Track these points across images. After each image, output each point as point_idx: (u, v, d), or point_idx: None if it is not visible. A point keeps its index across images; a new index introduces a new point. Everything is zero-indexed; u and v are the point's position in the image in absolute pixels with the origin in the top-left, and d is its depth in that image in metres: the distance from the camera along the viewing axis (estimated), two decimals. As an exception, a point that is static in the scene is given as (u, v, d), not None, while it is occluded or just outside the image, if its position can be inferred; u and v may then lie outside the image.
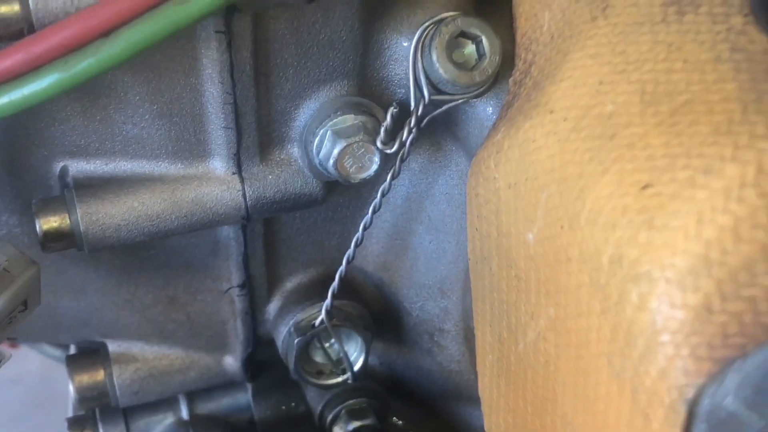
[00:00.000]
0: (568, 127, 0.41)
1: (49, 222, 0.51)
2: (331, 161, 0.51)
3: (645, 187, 0.36)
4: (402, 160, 0.53)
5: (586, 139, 0.40)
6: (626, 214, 0.36)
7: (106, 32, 0.42)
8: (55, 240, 0.52)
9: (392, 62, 0.53)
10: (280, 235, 0.59)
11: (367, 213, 0.55)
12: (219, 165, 0.53)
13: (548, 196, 0.41)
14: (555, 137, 0.42)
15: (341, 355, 0.60)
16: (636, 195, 0.36)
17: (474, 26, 0.50)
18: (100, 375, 0.64)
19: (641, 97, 0.39)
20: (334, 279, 0.57)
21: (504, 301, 0.48)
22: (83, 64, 0.42)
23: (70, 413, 0.69)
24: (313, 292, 0.61)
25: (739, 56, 0.38)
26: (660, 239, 0.35)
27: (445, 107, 0.52)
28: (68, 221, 0.51)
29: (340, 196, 0.59)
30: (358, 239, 0.56)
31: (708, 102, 0.37)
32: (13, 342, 0.74)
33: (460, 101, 0.52)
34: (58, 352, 0.77)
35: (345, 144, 0.51)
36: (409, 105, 0.52)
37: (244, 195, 0.53)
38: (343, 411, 0.64)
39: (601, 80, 0.41)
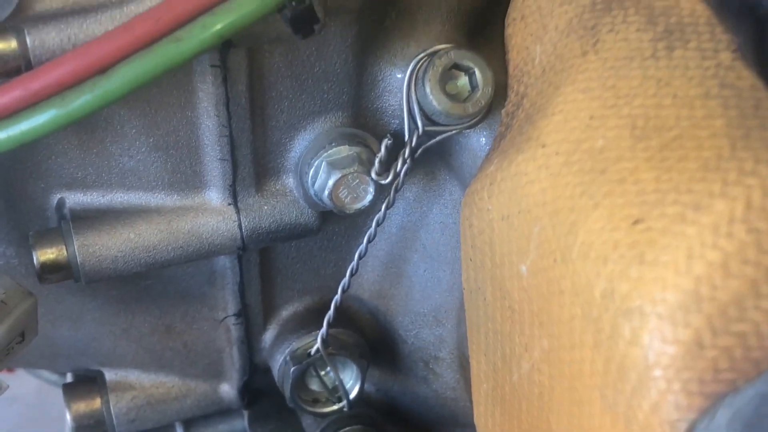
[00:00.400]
0: (560, 161, 0.42)
1: (46, 254, 0.52)
2: (326, 192, 0.52)
3: (636, 222, 0.37)
4: (397, 191, 0.53)
5: (578, 173, 0.40)
6: (617, 249, 0.37)
7: (103, 69, 0.43)
8: (51, 272, 0.52)
9: (386, 93, 0.53)
10: (275, 264, 0.60)
11: (363, 242, 0.56)
12: (215, 196, 0.53)
13: (541, 229, 0.42)
14: (547, 171, 0.42)
15: (337, 383, 0.60)
16: (627, 230, 0.37)
17: (467, 59, 0.51)
18: (96, 403, 0.64)
19: (631, 132, 0.40)
20: (329, 307, 0.57)
21: (498, 332, 0.48)
22: (80, 101, 0.43)
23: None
24: (309, 320, 0.61)
25: (727, 92, 0.38)
26: (651, 274, 0.35)
27: (438, 138, 0.52)
28: (65, 253, 0.52)
29: (335, 225, 0.59)
30: (353, 268, 0.56)
31: (697, 137, 0.38)
32: (10, 367, 0.74)
33: (453, 132, 0.52)
34: (55, 377, 0.78)
35: (340, 175, 0.51)
36: (404, 136, 0.52)
37: (240, 225, 0.54)
38: (339, 438, 0.64)
39: (591, 115, 0.42)
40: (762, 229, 0.34)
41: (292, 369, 0.59)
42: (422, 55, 0.52)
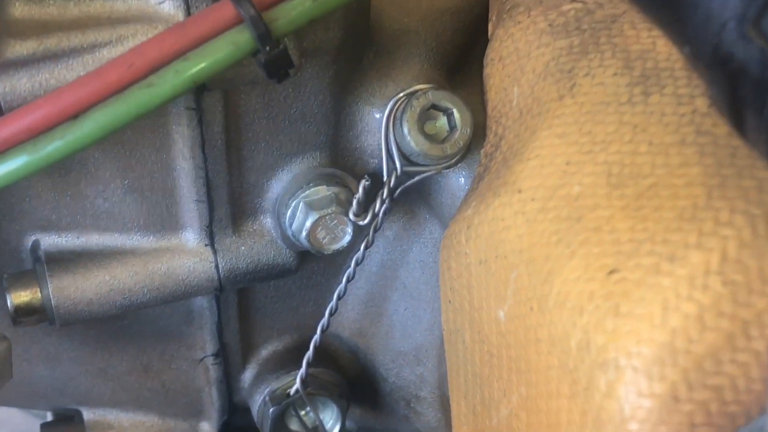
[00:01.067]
0: (536, 207, 0.41)
1: (20, 297, 0.51)
2: (304, 233, 0.51)
3: (611, 272, 0.37)
4: (375, 231, 0.53)
5: (554, 220, 0.40)
6: (593, 300, 0.37)
7: (75, 114, 0.42)
8: (26, 314, 0.52)
9: (365, 133, 0.53)
10: (254, 303, 0.59)
11: (342, 281, 0.55)
12: (191, 237, 0.53)
13: (517, 276, 0.41)
14: (523, 217, 0.42)
15: (317, 423, 0.59)
16: (602, 280, 0.37)
17: (445, 99, 0.50)
18: (75, 443, 0.63)
19: (607, 179, 0.39)
20: (309, 346, 0.57)
21: (477, 375, 0.48)
22: (52, 147, 0.42)
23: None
24: (288, 359, 0.61)
25: (703, 139, 0.38)
26: (626, 326, 0.35)
27: (417, 178, 0.52)
28: (39, 296, 0.51)
29: (314, 264, 0.59)
30: (332, 308, 0.56)
31: (673, 186, 0.37)
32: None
33: (432, 172, 0.52)
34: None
35: (317, 216, 0.51)
36: (382, 176, 0.52)
37: (216, 267, 0.53)
38: (319, 477, 0.63)
39: (568, 160, 0.41)
40: (738, 282, 0.34)
41: (271, 410, 0.59)
42: (401, 95, 0.52)
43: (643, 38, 0.43)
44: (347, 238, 0.52)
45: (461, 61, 0.56)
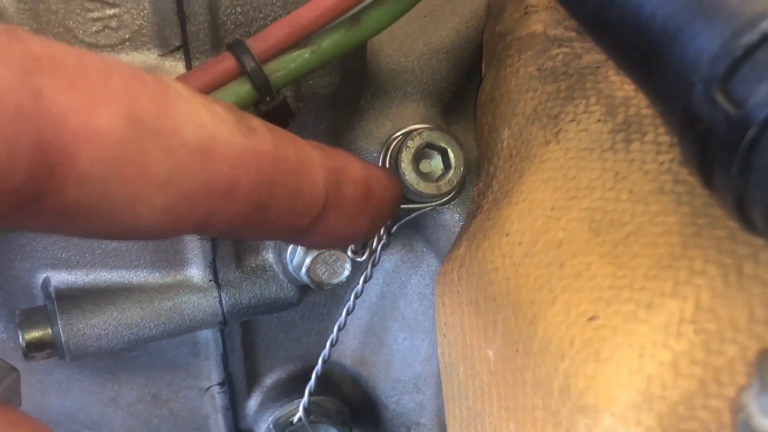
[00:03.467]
0: (522, 251, 0.43)
1: (31, 333, 0.53)
2: (304, 269, 0.53)
3: (591, 318, 0.38)
4: (374, 265, 0.55)
5: (538, 265, 0.42)
6: (573, 345, 0.38)
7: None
8: (37, 350, 0.54)
9: (362, 171, 0.55)
10: (258, 334, 0.61)
11: (342, 313, 0.57)
12: (196, 273, 0.55)
13: (505, 318, 0.43)
14: (510, 260, 0.43)
15: (320, 450, 0.61)
16: (582, 326, 0.38)
17: (440, 139, 0.52)
18: (86, 467, 0.65)
19: (590, 226, 0.41)
20: (312, 374, 0.59)
21: (471, 408, 0.49)
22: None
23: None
24: (292, 387, 0.62)
25: (680, 188, 0.39)
26: (605, 372, 0.37)
27: (413, 215, 0.54)
28: (50, 332, 0.53)
29: (316, 296, 0.61)
30: (333, 339, 0.57)
31: (651, 234, 0.39)
32: None
33: (427, 208, 0.54)
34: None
35: (317, 253, 0.53)
36: (379, 212, 0.54)
37: (220, 301, 0.55)
38: (323, 502, 0.65)
39: (553, 206, 0.43)
40: (710, 330, 0.35)
41: (275, 437, 0.61)
42: (397, 134, 0.53)
43: (627, 84, 0.45)
44: (346, 272, 0.54)
45: (456, 98, 0.58)
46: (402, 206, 0.53)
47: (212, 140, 0.33)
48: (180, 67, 0.46)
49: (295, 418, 0.60)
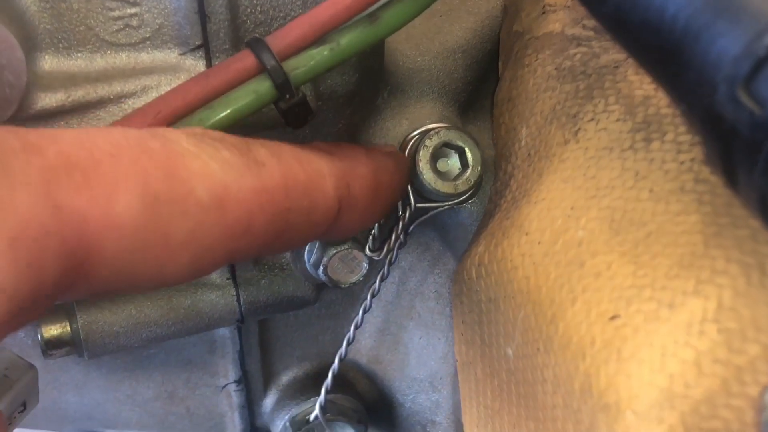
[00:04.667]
0: (542, 251, 0.43)
1: (50, 330, 0.53)
2: (321, 267, 0.53)
3: (612, 317, 0.38)
4: (390, 264, 0.55)
5: (558, 264, 0.42)
6: (594, 344, 0.38)
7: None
8: (56, 347, 0.54)
9: (379, 170, 0.55)
10: (274, 332, 0.61)
11: (359, 312, 0.57)
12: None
13: (524, 317, 0.43)
14: (530, 259, 0.43)
15: (336, 447, 0.61)
16: (603, 325, 0.38)
17: (457, 138, 0.52)
18: (102, 464, 0.65)
19: (610, 225, 0.41)
20: (328, 372, 0.59)
21: (489, 407, 0.49)
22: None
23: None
24: (308, 385, 0.62)
25: (701, 187, 0.39)
26: (626, 371, 0.37)
27: (430, 213, 0.54)
28: (69, 330, 0.53)
29: (332, 294, 0.61)
30: (350, 338, 0.57)
31: (672, 233, 0.39)
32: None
33: (445, 207, 0.54)
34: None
35: (334, 251, 0.53)
36: (397, 211, 0.54)
37: (238, 299, 0.55)
38: (339, 499, 0.65)
39: (573, 205, 0.43)
40: (732, 329, 0.35)
41: (291, 435, 0.61)
42: (414, 133, 0.54)
43: (646, 84, 0.45)
44: (363, 271, 0.54)
45: (473, 97, 0.58)
46: (418, 205, 0.53)
47: (224, 190, 0.35)
48: (201, 65, 0.46)
49: (312, 416, 0.60)
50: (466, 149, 0.52)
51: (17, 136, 0.31)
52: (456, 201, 0.53)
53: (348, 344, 0.57)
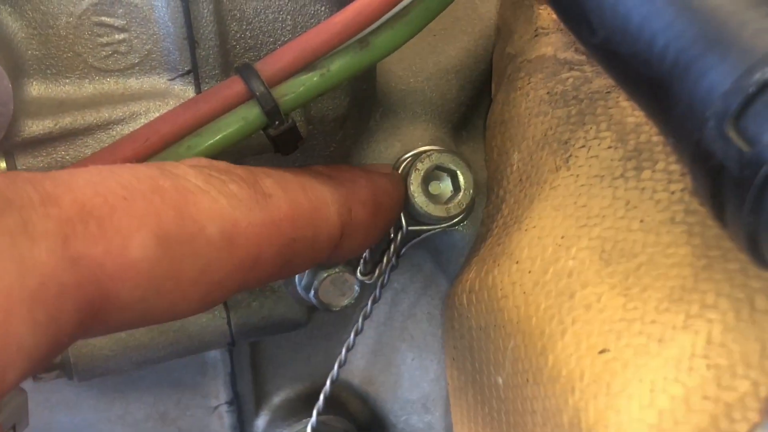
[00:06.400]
0: (532, 280, 0.43)
1: (40, 354, 0.53)
2: (312, 291, 0.53)
3: (602, 351, 0.38)
4: (382, 287, 0.54)
5: (548, 295, 0.41)
6: (584, 378, 0.38)
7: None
8: (45, 371, 0.53)
9: (371, 193, 0.55)
10: (266, 353, 0.61)
11: (350, 334, 0.57)
12: (204, 294, 0.55)
13: (514, 347, 0.43)
14: (520, 288, 0.43)
15: (328, 469, 0.61)
16: (593, 359, 0.38)
17: (449, 161, 0.52)
18: (93, 484, 0.65)
19: (600, 255, 0.41)
20: (320, 394, 0.58)
21: (480, 433, 0.49)
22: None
23: None
24: (300, 407, 0.62)
25: (692, 219, 0.39)
26: (616, 406, 0.36)
27: (422, 236, 0.54)
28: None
29: (324, 316, 0.60)
30: (341, 360, 0.57)
31: (662, 266, 0.38)
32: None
33: (437, 230, 0.53)
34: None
35: (325, 275, 0.53)
36: (389, 234, 0.54)
37: (228, 322, 0.55)
38: None
39: (563, 234, 0.43)
40: (721, 365, 0.35)
41: (283, 457, 0.60)
42: (406, 156, 0.53)
43: (638, 110, 0.45)
44: (354, 294, 0.54)
45: (466, 117, 0.58)
46: (410, 228, 0.53)
47: (234, 227, 0.35)
48: (190, 91, 0.46)
49: (303, 438, 0.60)
50: (458, 172, 0.52)
51: (35, 187, 0.31)
52: (448, 224, 0.53)
53: (340, 366, 0.57)
